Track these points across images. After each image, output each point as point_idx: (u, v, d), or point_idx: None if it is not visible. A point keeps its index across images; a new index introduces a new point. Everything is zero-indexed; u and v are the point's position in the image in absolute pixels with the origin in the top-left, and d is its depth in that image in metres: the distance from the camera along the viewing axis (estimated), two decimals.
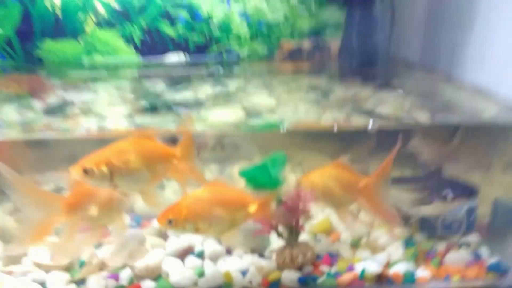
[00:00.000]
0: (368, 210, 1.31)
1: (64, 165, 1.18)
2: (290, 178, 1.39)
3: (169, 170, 1.15)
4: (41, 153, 1.57)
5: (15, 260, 1.23)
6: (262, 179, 1.17)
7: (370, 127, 1.20)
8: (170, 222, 1.06)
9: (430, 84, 1.74)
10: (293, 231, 1.22)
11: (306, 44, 2.12)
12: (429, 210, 1.29)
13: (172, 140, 1.21)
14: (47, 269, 1.21)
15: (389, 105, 1.38)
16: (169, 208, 1.09)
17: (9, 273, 1.19)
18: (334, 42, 2.09)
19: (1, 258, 1.25)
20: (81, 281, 1.18)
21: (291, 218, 1.19)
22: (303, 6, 2.07)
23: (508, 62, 1.39)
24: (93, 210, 1.12)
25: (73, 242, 1.13)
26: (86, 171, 1.01)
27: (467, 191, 1.29)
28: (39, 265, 1.21)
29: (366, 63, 1.92)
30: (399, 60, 2.03)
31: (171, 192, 1.58)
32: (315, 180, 1.23)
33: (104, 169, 1.02)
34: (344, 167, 1.25)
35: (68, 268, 1.22)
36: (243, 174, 1.17)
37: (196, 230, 1.09)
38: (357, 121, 1.27)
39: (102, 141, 1.25)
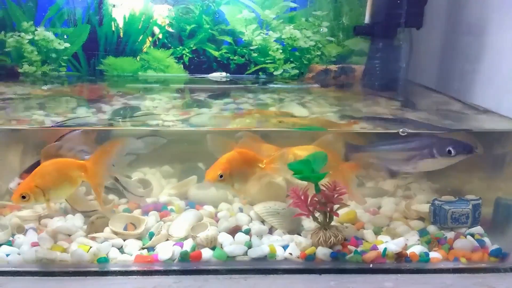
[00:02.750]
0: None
1: None
2: None
3: (82, 178, 1.40)
4: None
5: (98, 228, 1.49)
6: (306, 171, 1.42)
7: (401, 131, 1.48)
8: (221, 176, 1.36)
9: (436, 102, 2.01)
10: (328, 216, 1.46)
11: (333, 67, 2.41)
12: (432, 165, 1.55)
13: None
14: (123, 237, 1.47)
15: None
16: (216, 166, 1.41)
17: (93, 238, 1.45)
18: (358, 67, 2.38)
19: (83, 227, 1.52)
20: (151, 248, 1.44)
21: (327, 204, 1.44)
22: (332, 35, 2.38)
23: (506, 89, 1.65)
24: None
25: None
26: (23, 197, 1.30)
27: (467, 148, 1.52)
28: (116, 233, 1.47)
29: (387, 86, 2.19)
30: (416, 84, 2.30)
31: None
32: (299, 153, 1.51)
33: (37, 190, 1.31)
34: (327, 146, 1.52)
35: (140, 237, 1.48)
36: (291, 166, 1.44)
37: (232, 186, 1.43)
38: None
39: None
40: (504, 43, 1.73)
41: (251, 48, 2.38)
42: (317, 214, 1.45)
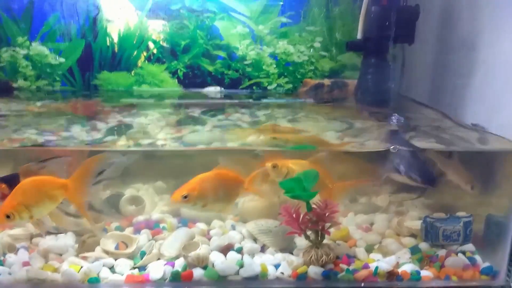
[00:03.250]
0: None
1: None
2: None
3: (63, 196, 1.39)
4: None
5: (89, 248, 1.49)
6: (297, 190, 1.43)
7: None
8: (185, 197, 1.34)
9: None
10: (319, 235, 1.47)
11: (327, 82, 2.43)
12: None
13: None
14: (114, 256, 1.46)
15: None
16: (183, 187, 1.38)
17: (84, 258, 1.44)
18: (351, 82, 2.39)
19: (75, 246, 1.52)
20: (142, 267, 1.44)
21: (318, 223, 1.44)
22: (325, 50, 2.40)
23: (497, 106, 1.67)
24: None
25: None
26: (8, 216, 1.28)
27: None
28: (107, 253, 1.47)
29: (379, 101, 2.20)
30: (409, 99, 2.32)
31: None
32: (294, 167, 1.50)
33: (22, 208, 1.30)
34: (319, 164, 1.51)
35: (131, 256, 1.48)
36: (282, 184, 1.44)
37: (203, 206, 1.40)
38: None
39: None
40: (495, 58, 1.74)
41: (245, 62, 2.39)
42: (309, 233, 1.46)
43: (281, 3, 2.34)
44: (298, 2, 2.35)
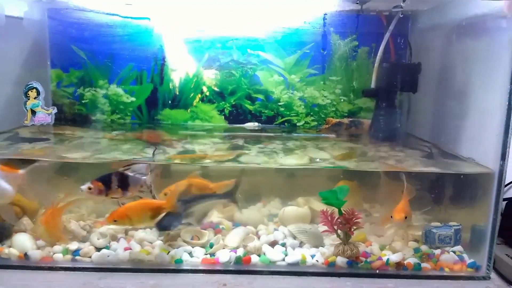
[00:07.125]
0: None
1: None
2: None
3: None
4: None
5: (173, 238, 1.99)
6: (332, 199, 1.92)
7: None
8: (115, 221, 1.81)
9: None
10: (347, 234, 1.94)
11: (345, 120, 2.95)
12: None
13: None
14: (191, 245, 1.96)
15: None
16: (114, 213, 1.82)
17: (170, 245, 1.94)
18: (366, 121, 2.90)
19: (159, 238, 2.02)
20: (212, 254, 1.93)
21: (346, 225, 1.92)
22: (344, 96, 2.94)
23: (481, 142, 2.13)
24: None
25: None
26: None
27: None
28: (186, 242, 1.97)
29: (388, 137, 2.69)
30: (413, 136, 2.80)
31: None
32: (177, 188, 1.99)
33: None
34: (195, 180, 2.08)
35: (203, 246, 1.97)
36: (321, 194, 1.92)
37: (130, 224, 1.84)
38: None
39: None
40: (482, 105, 2.17)
41: (279, 104, 2.93)
42: (339, 232, 1.94)
43: (311, 54, 2.89)
44: (323, 57, 2.90)
